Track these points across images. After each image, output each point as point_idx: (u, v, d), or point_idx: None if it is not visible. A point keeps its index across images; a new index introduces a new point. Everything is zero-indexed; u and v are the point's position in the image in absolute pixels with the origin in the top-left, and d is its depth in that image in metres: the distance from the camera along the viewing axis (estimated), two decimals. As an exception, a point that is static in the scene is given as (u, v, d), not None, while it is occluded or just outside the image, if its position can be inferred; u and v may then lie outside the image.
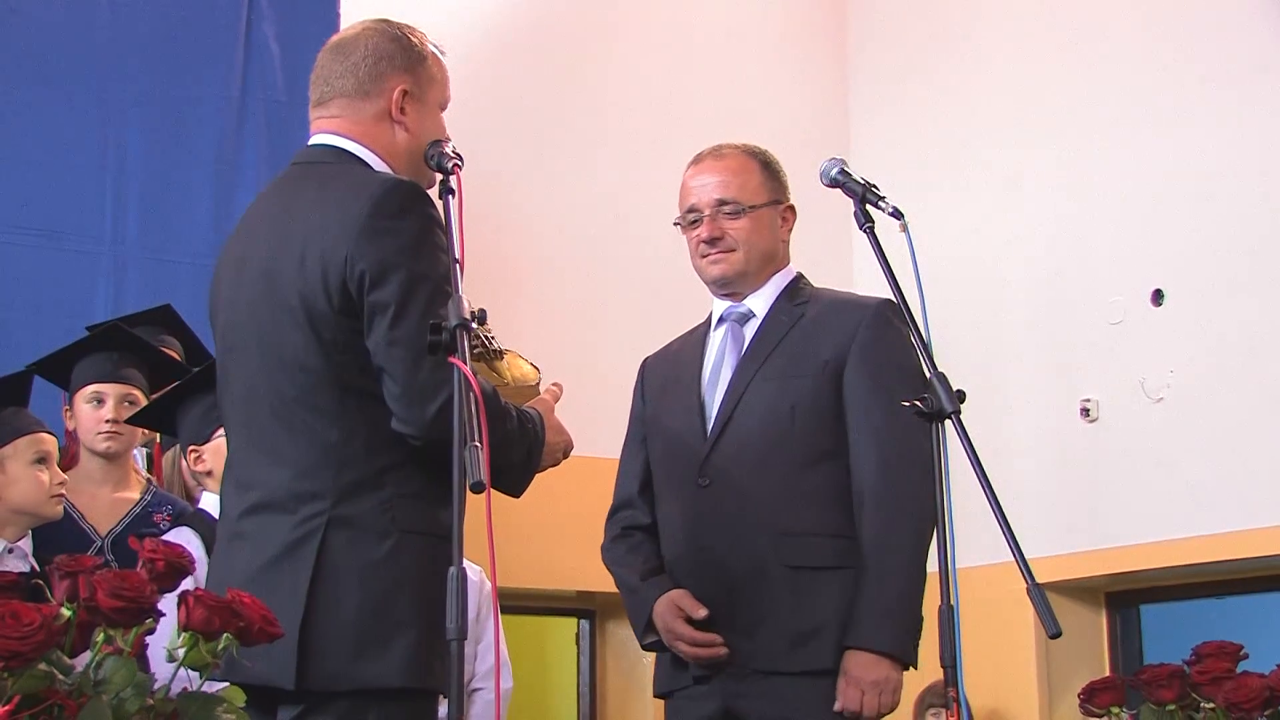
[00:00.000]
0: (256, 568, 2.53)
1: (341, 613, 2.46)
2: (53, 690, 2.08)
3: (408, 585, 2.48)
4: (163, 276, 5.07)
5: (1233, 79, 5.48)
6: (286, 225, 2.61)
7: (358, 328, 2.50)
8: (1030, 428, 5.91)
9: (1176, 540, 5.40)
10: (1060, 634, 2.45)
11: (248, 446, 2.63)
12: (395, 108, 2.69)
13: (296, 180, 2.70)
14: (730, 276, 3.27)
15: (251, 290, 2.63)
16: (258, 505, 2.57)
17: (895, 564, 3.03)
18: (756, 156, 3.32)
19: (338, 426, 2.52)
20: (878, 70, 6.87)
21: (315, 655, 2.45)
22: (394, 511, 2.50)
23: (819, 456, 3.13)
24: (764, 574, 3.09)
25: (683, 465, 3.22)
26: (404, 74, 2.71)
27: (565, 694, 6.40)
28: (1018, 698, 5.79)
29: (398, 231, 2.50)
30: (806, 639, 3.05)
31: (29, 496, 3.40)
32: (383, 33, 2.74)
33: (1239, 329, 5.33)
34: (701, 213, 3.26)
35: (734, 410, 3.18)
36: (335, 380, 2.52)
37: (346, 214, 2.52)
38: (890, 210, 2.82)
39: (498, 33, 6.23)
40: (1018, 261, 6.14)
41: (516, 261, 5.84)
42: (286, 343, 2.55)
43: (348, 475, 2.51)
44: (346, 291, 2.49)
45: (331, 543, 2.48)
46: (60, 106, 5.10)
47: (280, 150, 5.29)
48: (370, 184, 2.57)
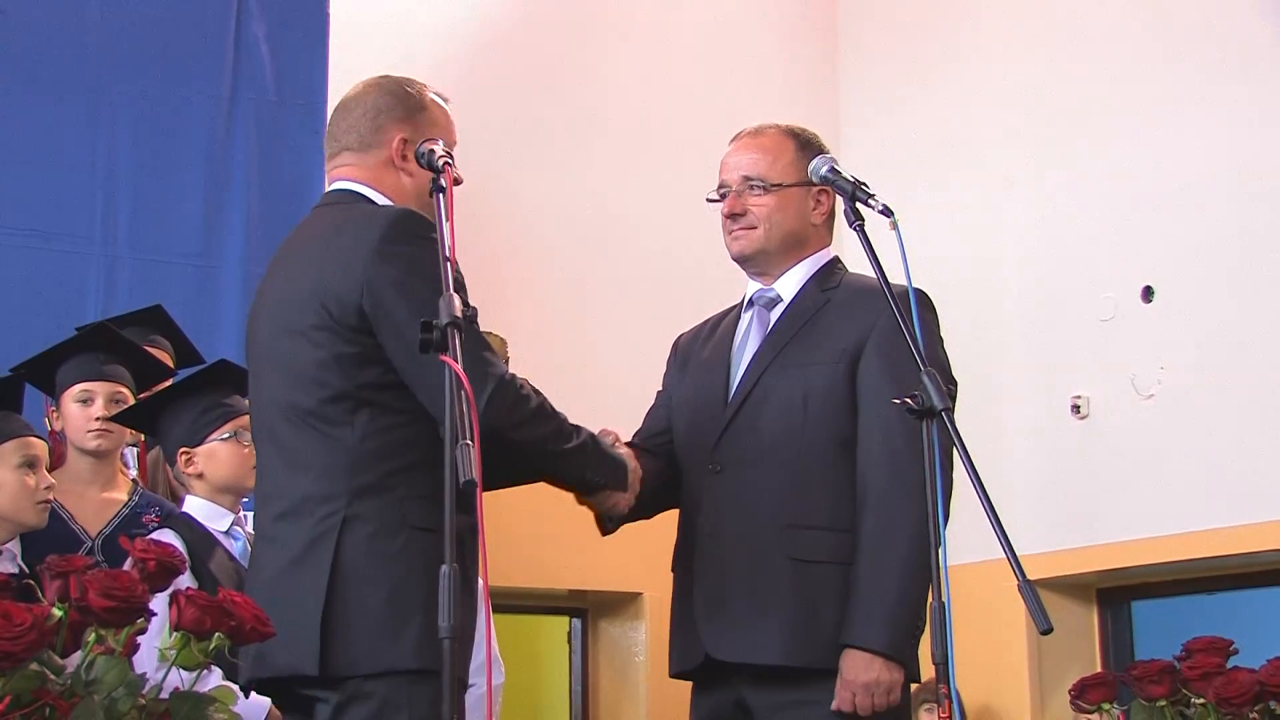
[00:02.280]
0: (282, 566, 2.71)
1: (360, 603, 2.62)
2: (44, 690, 2.08)
3: (417, 577, 2.60)
4: (153, 277, 5.06)
5: (1222, 76, 5.49)
6: (304, 254, 2.83)
7: (373, 345, 2.68)
8: (1021, 424, 5.92)
9: (1167, 536, 5.41)
10: (1051, 630, 2.45)
11: (274, 460, 2.81)
12: (397, 155, 2.87)
13: (314, 220, 2.93)
14: (748, 254, 3.23)
15: (272, 318, 2.84)
16: (284, 513, 2.74)
17: (894, 561, 2.97)
18: (796, 137, 3.26)
19: (352, 435, 2.69)
20: (868, 68, 6.87)
21: (337, 643, 2.61)
22: (404, 509, 2.66)
23: (831, 447, 3.08)
24: (768, 566, 3.05)
25: (697, 450, 3.19)
26: (402, 123, 2.88)
27: (557, 693, 6.40)
28: (1010, 694, 5.80)
29: (408, 255, 2.67)
30: (809, 635, 3.02)
31: (14, 502, 3.35)
32: (381, 88, 2.93)
33: (1229, 326, 5.34)
34: (730, 188, 3.23)
35: (748, 397, 3.14)
36: (350, 394, 2.70)
37: (360, 240, 2.71)
38: (880, 208, 2.79)
39: (487, 30, 6.22)
40: (1008, 258, 6.14)
41: (507, 259, 5.83)
42: (305, 361, 2.73)
43: (361, 478, 2.68)
44: (362, 311, 2.67)
45: (347, 539, 2.65)
46: (50, 107, 5.08)
47: (270, 150, 5.28)
48: (382, 213, 2.77)
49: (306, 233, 2.91)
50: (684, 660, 3.18)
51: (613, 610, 6.22)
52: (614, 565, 5.69)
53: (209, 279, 5.17)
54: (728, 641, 3.07)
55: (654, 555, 3.53)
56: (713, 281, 3.85)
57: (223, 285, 5.13)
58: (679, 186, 6.28)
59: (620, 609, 6.18)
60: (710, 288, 3.73)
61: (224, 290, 5.13)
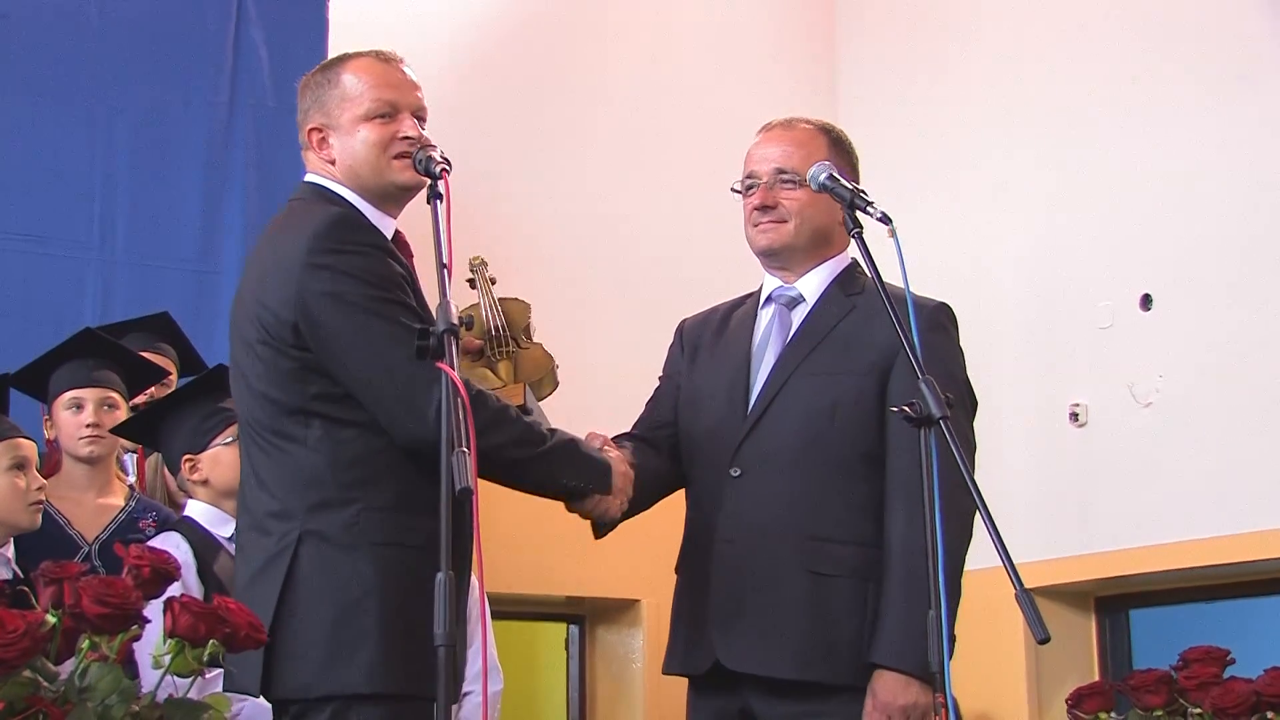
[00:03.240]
0: (243, 583, 2.71)
1: (310, 623, 2.58)
2: (38, 698, 2.07)
3: (373, 595, 2.58)
4: (151, 282, 5.06)
5: (1221, 82, 5.48)
6: (254, 262, 2.82)
7: (311, 359, 2.65)
8: (1019, 432, 5.91)
9: (1165, 545, 5.39)
10: (1049, 639, 2.43)
11: (246, 473, 2.80)
12: (315, 147, 2.86)
13: (278, 218, 2.91)
14: (777, 248, 3.17)
15: (234, 325, 2.81)
16: (249, 525, 2.76)
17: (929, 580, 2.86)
18: (828, 133, 3.22)
19: (304, 450, 2.67)
20: (865, 73, 6.87)
21: (283, 665, 2.57)
22: (360, 525, 2.62)
23: (856, 459, 3.04)
24: (785, 577, 3.00)
25: (715, 450, 3.13)
26: (315, 113, 2.87)
27: (555, 700, 6.39)
28: (1007, 703, 5.79)
29: (336, 264, 2.65)
30: (823, 650, 2.97)
31: (5, 505, 3.32)
32: (305, 81, 2.92)
33: (1228, 334, 5.33)
34: (759, 180, 3.17)
35: (772, 402, 3.09)
36: (300, 408, 2.67)
37: (292, 253, 2.68)
38: (878, 215, 2.78)
39: (486, 31, 6.23)
40: (1006, 266, 6.13)
41: (504, 261, 5.82)
42: (252, 374, 2.72)
43: (315, 495, 2.65)
44: (296, 326, 2.64)
45: (302, 558, 2.62)
46: (48, 112, 5.08)
47: (268, 156, 5.28)
48: (312, 222, 2.72)
49: (265, 237, 2.89)
50: (689, 663, 3.13)
51: (610, 617, 6.21)
52: (612, 571, 5.69)
53: (207, 285, 5.16)
54: (741, 651, 3.02)
55: (652, 561, 3.52)
56: (714, 281, 3.83)
57: (220, 291, 5.11)
58: (677, 187, 6.29)
59: (618, 615, 6.17)
60: (712, 288, 3.69)
61: (221, 296, 5.11)
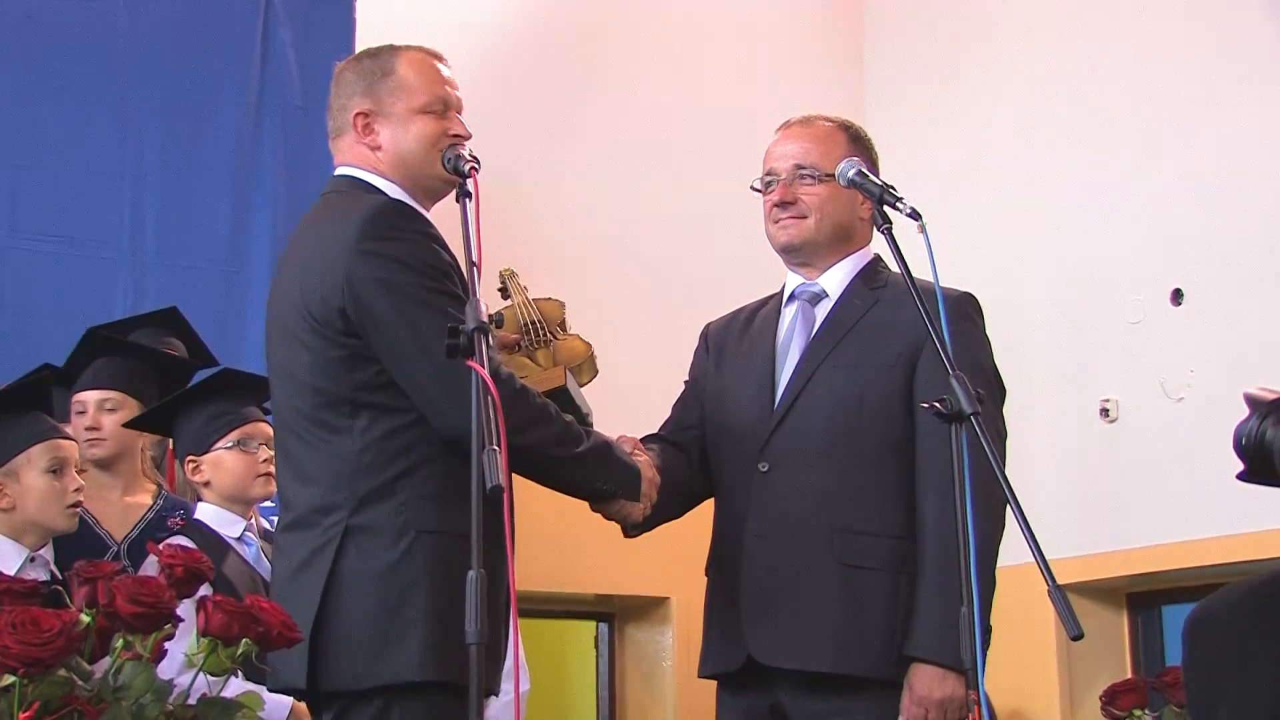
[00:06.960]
0: (284, 578, 2.69)
1: (356, 615, 2.57)
2: (73, 696, 2.08)
3: (421, 583, 2.58)
4: (180, 283, 5.07)
5: (1250, 77, 5.46)
6: (295, 253, 2.79)
7: (360, 346, 2.63)
8: (1050, 428, 5.89)
9: (1198, 540, 5.37)
10: (1082, 636, 2.42)
11: (284, 471, 2.79)
12: (359, 132, 2.82)
13: (312, 213, 2.89)
14: (797, 244, 3.17)
15: (275, 320, 2.79)
16: (291, 524, 2.72)
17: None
18: (848, 129, 3.22)
19: (351, 441, 2.65)
20: (894, 72, 6.85)
21: (329, 657, 2.56)
22: (407, 514, 2.61)
23: (885, 452, 3.03)
24: (817, 570, 2.99)
25: (743, 444, 3.12)
26: (362, 98, 2.83)
27: (584, 698, 6.39)
28: (1039, 699, 5.77)
29: (387, 251, 2.63)
30: (857, 643, 2.96)
31: (42, 507, 3.29)
32: (347, 66, 2.89)
33: (1259, 327, 5.30)
34: (779, 177, 3.17)
35: (799, 396, 3.08)
36: (345, 398, 2.65)
37: (340, 239, 2.66)
38: (908, 211, 2.78)
39: (513, 31, 6.23)
40: (1036, 261, 6.11)
41: (532, 261, 5.83)
42: (298, 364, 2.69)
43: (362, 486, 2.63)
44: (345, 314, 2.62)
45: (347, 549, 2.60)
46: (78, 114, 5.10)
47: (297, 157, 5.29)
48: (359, 209, 2.70)
49: (303, 229, 2.88)
50: (722, 662, 3.12)
51: (640, 615, 6.21)
52: (641, 569, 5.68)
53: (235, 285, 5.18)
54: (774, 645, 3.01)
55: (681, 559, 3.51)
56: (740, 281, 3.82)
57: (249, 291, 5.13)
58: (706, 188, 6.28)
59: (648, 613, 6.17)
60: (738, 288, 3.68)
61: (250, 296, 5.13)
